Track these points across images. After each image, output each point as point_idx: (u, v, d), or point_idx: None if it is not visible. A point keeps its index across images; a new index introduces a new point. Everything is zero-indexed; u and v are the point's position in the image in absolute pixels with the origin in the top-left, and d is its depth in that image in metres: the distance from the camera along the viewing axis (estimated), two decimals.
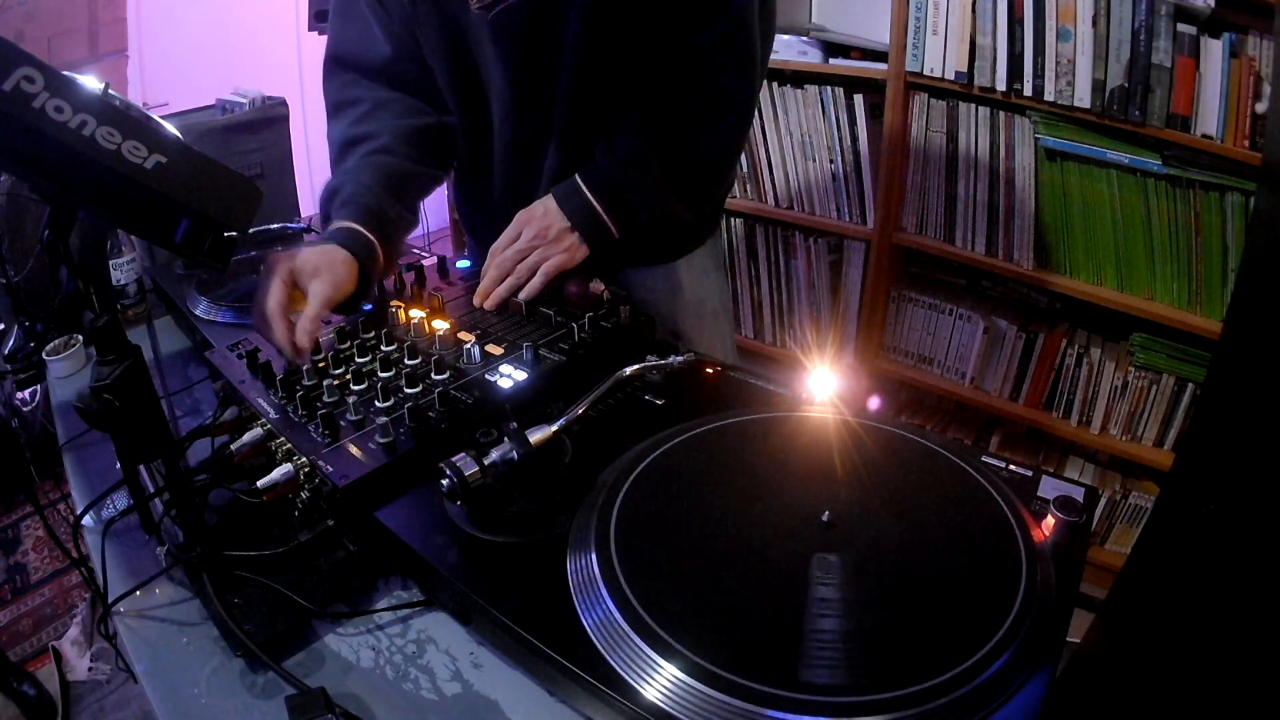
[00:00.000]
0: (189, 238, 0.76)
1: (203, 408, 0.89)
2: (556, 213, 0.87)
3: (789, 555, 0.52)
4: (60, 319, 1.09)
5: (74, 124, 0.68)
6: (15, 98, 0.65)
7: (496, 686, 0.53)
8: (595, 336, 0.79)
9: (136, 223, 0.75)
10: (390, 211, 0.87)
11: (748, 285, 2.05)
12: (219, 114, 1.40)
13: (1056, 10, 1.37)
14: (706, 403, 0.71)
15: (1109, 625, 1.20)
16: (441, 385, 0.71)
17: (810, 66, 1.72)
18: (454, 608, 0.57)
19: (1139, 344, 1.52)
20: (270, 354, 0.77)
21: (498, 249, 0.88)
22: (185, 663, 0.57)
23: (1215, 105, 1.28)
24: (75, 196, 0.69)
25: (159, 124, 0.76)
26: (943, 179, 1.65)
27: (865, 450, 0.62)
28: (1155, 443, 1.57)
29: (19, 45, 0.66)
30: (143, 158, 0.72)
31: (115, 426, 0.57)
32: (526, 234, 0.87)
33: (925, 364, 1.84)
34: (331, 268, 0.78)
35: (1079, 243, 1.53)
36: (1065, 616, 0.48)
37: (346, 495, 0.60)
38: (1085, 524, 0.54)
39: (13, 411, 1.55)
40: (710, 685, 0.43)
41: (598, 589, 0.50)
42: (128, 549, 0.68)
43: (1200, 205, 1.37)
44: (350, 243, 0.81)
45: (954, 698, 0.42)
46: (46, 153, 0.67)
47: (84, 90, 0.69)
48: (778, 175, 1.88)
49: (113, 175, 0.71)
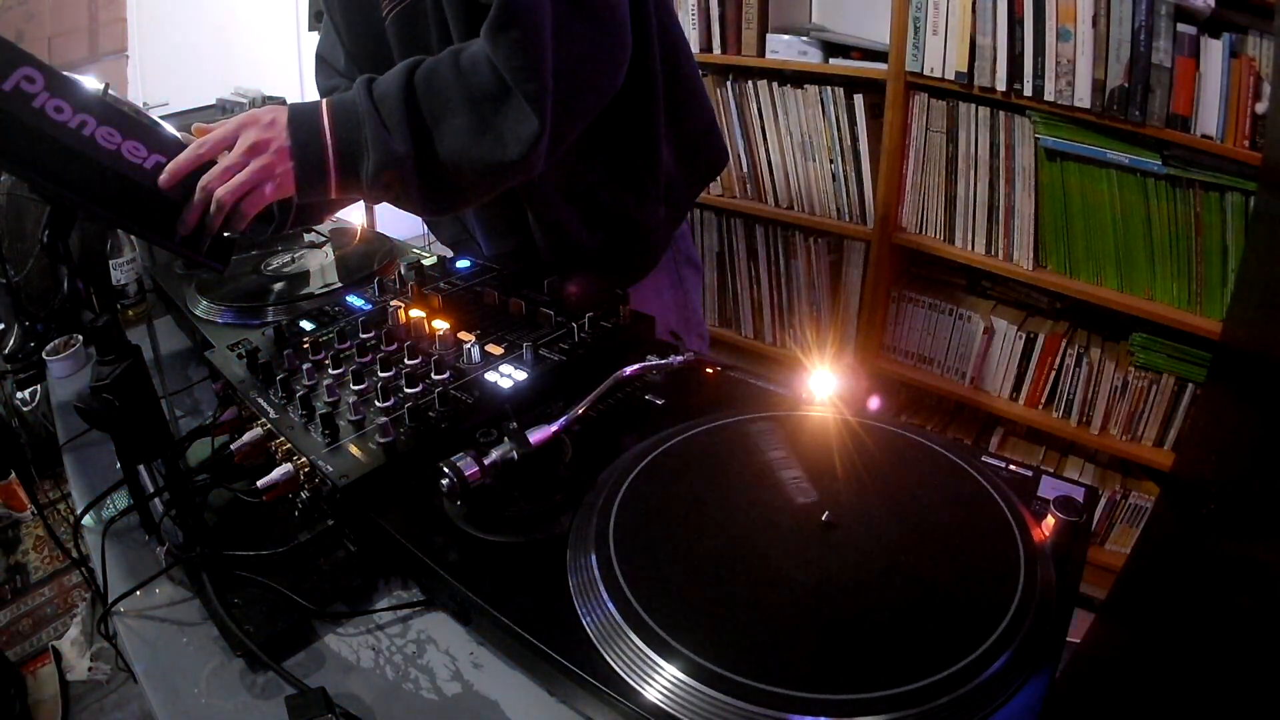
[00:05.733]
0: (189, 238, 0.76)
1: (203, 408, 0.89)
2: (283, 130, 0.75)
3: (789, 555, 0.52)
4: (60, 319, 1.09)
5: (74, 124, 0.68)
6: (16, 98, 0.65)
7: (496, 686, 0.53)
8: (595, 336, 0.79)
9: (136, 223, 0.75)
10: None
11: (748, 285, 2.05)
12: (219, 114, 1.40)
13: (1056, 10, 1.37)
14: (706, 403, 0.71)
15: (1109, 625, 1.20)
16: (441, 385, 0.71)
17: (810, 66, 1.72)
18: (454, 608, 0.57)
19: (1139, 344, 1.52)
20: (269, 354, 0.77)
21: (210, 149, 0.75)
22: (185, 663, 0.57)
23: (1215, 105, 1.28)
24: (75, 196, 0.69)
25: (159, 124, 0.76)
26: (943, 179, 1.65)
27: (865, 450, 0.62)
28: (1155, 443, 1.57)
29: (19, 45, 0.66)
30: (143, 158, 0.73)
31: (115, 426, 0.57)
32: (242, 141, 0.74)
33: (925, 364, 1.84)
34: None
35: (1079, 243, 1.53)
36: (1065, 616, 0.48)
37: (346, 495, 0.60)
38: (1085, 524, 0.54)
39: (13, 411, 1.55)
40: (710, 685, 0.43)
41: (598, 589, 0.50)
42: (128, 549, 0.68)
43: (1200, 205, 1.37)
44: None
45: (954, 697, 0.42)
46: (46, 153, 0.67)
47: (84, 90, 0.69)
48: (778, 175, 1.88)
49: (113, 175, 0.71)
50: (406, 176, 0.76)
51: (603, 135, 0.89)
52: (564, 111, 0.76)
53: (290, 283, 1.05)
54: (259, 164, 0.73)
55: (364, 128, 0.75)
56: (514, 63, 0.73)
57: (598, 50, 0.78)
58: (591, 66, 0.78)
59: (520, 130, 0.74)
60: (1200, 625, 0.87)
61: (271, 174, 0.74)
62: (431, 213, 0.82)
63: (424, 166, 0.76)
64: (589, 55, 0.77)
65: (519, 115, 0.74)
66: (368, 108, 0.75)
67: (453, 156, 0.76)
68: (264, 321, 0.95)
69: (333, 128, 0.75)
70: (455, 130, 0.75)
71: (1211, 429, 1.15)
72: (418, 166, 0.76)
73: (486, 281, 0.94)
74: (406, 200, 0.79)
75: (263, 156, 0.73)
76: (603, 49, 0.78)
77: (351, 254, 1.15)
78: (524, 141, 0.74)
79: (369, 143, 0.75)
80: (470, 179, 0.78)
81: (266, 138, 0.74)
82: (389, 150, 0.75)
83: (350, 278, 1.05)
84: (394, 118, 0.75)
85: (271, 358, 0.76)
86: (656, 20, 0.89)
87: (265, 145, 0.74)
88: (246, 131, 0.74)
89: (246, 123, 0.75)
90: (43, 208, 0.70)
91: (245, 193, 0.73)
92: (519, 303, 0.85)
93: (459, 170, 0.77)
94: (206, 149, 0.73)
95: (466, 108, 0.75)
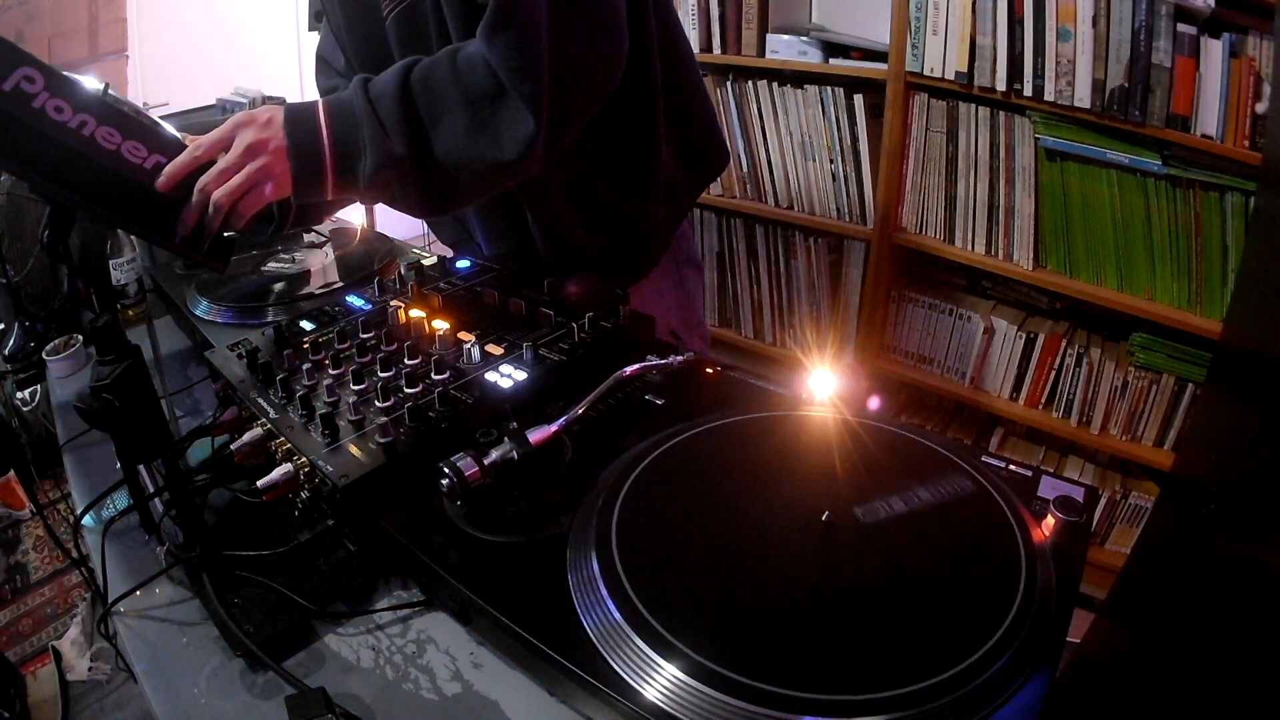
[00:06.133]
0: (189, 238, 0.76)
1: (203, 408, 0.89)
2: (280, 130, 0.75)
3: (789, 555, 0.52)
4: (60, 319, 1.09)
5: (74, 124, 0.68)
6: (16, 98, 0.65)
7: (496, 686, 0.53)
8: (595, 336, 0.78)
9: (136, 223, 0.75)
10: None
11: (748, 285, 2.05)
12: (219, 114, 1.40)
13: (1056, 10, 1.37)
14: (706, 403, 0.71)
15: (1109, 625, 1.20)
16: (441, 385, 0.71)
17: (810, 66, 1.72)
18: (454, 608, 0.57)
19: (1139, 344, 1.53)
20: (269, 354, 0.77)
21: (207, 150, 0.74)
22: (185, 663, 0.57)
23: (1215, 105, 1.28)
24: (75, 196, 0.69)
25: (159, 124, 0.76)
26: (943, 179, 1.65)
27: (865, 450, 0.62)
28: (1155, 443, 1.57)
29: (19, 45, 0.66)
30: (142, 158, 0.73)
31: (115, 426, 0.57)
32: (239, 142, 0.74)
33: (925, 364, 1.84)
34: None
35: (1079, 243, 1.53)
36: (1065, 616, 0.48)
37: (346, 495, 0.60)
38: (1085, 524, 0.54)
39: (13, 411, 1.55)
40: (710, 685, 0.43)
41: (598, 589, 0.50)
42: (128, 549, 0.68)
43: (1200, 205, 1.37)
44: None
45: (954, 697, 0.42)
46: (46, 153, 0.67)
47: (84, 90, 0.69)
48: (778, 175, 1.88)
49: (112, 175, 0.71)
50: (404, 177, 0.76)
51: (602, 135, 0.89)
52: (560, 112, 0.76)
53: (290, 283, 1.05)
54: (256, 165, 0.73)
55: (361, 128, 0.75)
56: (510, 63, 0.72)
57: (594, 50, 0.78)
58: (588, 66, 0.78)
59: (516, 131, 0.74)
60: (1200, 625, 0.87)
61: (269, 175, 0.74)
62: (428, 213, 0.82)
63: (421, 167, 0.76)
64: (586, 55, 0.77)
65: (515, 116, 0.74)
66: (364, 108, 0.75)
67: (449, 157, 0.76)
68: (264, 321, 0.95)
69: (330, 128, 0.75)
70: (452, 131, 0.75)
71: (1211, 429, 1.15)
72: (415, 167, 0.76)
73: (486, 281, 0.94)
74: (403, 200, 0.79)
75: (260, 158, 0.73)
76: (599, 49, 0.78)
77: (351, 254, 1.15)
78: (520, 142, 0.74)
79: (366, 143, 0.75)
80: (467, 179, 0.78)
81: (263, 138, 0.74)
82: (386, 151, 0.75)
83: (350, 278, 1.05)
84: (391, 118, 0.75)
85: (271, 358, 0.76)
86: (656, 20, 0.89)
87: (262, 146, 0.74)
88: (243, 132, 0.74)
89: (243, 123, 0.75)
90: (43, 208, 0.70)
91: (242, 194, 0.73)
92: (519, 303, 0.85)
93: (456, 171, 0.77)
94: (203, 151, 0.73)
95: (463, 108, 0.75)
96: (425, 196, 0.79)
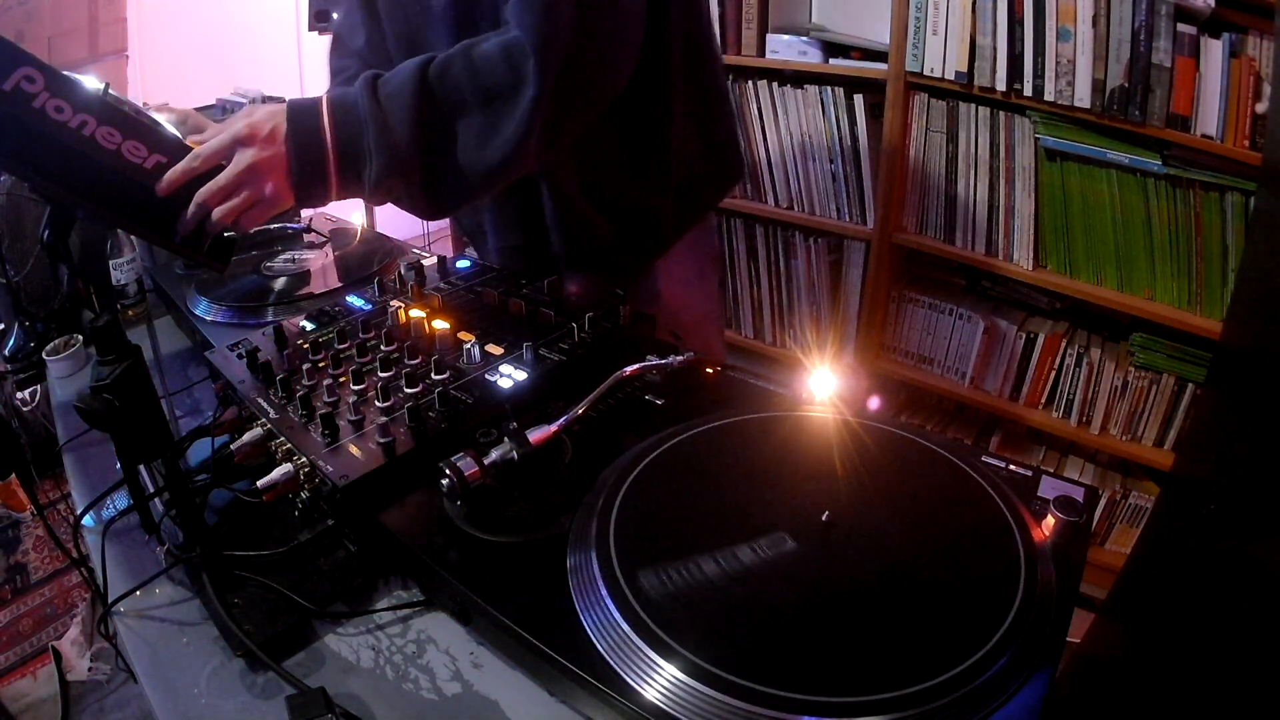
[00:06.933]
0: (189, 238, 0.76)
1: (203, 408, 0.89)
2: (282, 144, 0.74)
3: (789, 555, 0.52)
4: (60, 319, 1.10)
5: (74, 124, 0.68)
6: (16, 98, 0.65)
7: (496, 686, 0.53)
8: (595, 336, 0.79)
9: (136, 223, 0.75)
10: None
11: (748, 285, 2.05)
12: (219, 114, 1.40)
13: (1056, 10, 1.37)
14: (706, 403, 0.71)
15: (1109, 625, 1.20)
16: (441, 385, 0.71)
17: (810, 66, 1.72)
18: (454, 608, 0.57)
19: (1139, 344, 1.53)
20: (269, 354, 0.77)
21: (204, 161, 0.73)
22: (185, 663, 0.57)
23: (1215, 105, 1.28)
24: (75, 196, 0.69)
25: (159, 124, 0.76)
26: (943, 179, 1.65)
27: (865, 450, 0.62)
28: (1155, 443, 1.57)
29: (19, 45, 0.66)
30: (143, 158, 0.73)
31: (115, 426, 0.57)
32: (239, 160, 0.73)
33: (925, 364, 1.84)
34: None
35: (1079, 243, 1.53)
36: (1065, 616, 0.48)
37: (346, 495, 0.60)
38: (1085, 524, 0.54)
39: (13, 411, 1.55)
40: (710, 685, 0.43)
41: (598, 589, 0.50)
42: (128, 549, 0.68)
43: (1200, 205, 1.37)
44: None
45: (954, 698, 0.42)
46: (47, 153, 0.67)
47: (84, 90, 0.69)
48: (778, 175, 1.88)
49: (113, 175, 0.71)
50: (410, 181, 0.76)
51: (616, 121, 0.89)
52: (565, 105, 0.76)
53: (290, 283, 1.05)
54: (256, 187, 0.73)
55: (366, 134, 0.74)
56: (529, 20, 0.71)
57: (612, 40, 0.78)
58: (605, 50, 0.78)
59: (520, 128, 0.74)
60: (1200, 625, 0.87)
61: (269, 193, 0.74)
62: (433, 214, 0.82)
63: (430, 171, 0.76)
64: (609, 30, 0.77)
65: (523, 112, 0.74)
66: (371, 111, 0.74)
67: (461, 160, 0.76)
68: (264, 321, 0.95)
69: (334, 133, 0.74)
70: (466, 134, 0.75)
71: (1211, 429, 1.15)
72: (423, 171, 0.76)
73: (486, 282, 0.94)
74: (409, 202, 0.79)
75: (260, 178, 0.73)
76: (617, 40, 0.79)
77: (351, 254, 1.15)
78: (521, 138, 0.75)
79: (372, 148, 0.74)
80: (474, 180, 0.78)
81: (264, 157, 0.73)
82: (394, 156, 0.74)
83: (350, 278, 1.05)
84: (403, 122, 0.74)
85: (271, 358, 0.76)
86: (681, 16, 0.89)
87: (263, 166, 0.73)
88: (243, 151, 0.73)
89: (243, 139, 0.73)
90: (43, 208, 0.70)
91: (241, 212, 0.73)
92: (519, 303, 0.85)
93: (464, 172, 0.77)
94: (200, 162, 0.73)
95: (478, 108, 0.75)
96: (431, 198, 0.79)
